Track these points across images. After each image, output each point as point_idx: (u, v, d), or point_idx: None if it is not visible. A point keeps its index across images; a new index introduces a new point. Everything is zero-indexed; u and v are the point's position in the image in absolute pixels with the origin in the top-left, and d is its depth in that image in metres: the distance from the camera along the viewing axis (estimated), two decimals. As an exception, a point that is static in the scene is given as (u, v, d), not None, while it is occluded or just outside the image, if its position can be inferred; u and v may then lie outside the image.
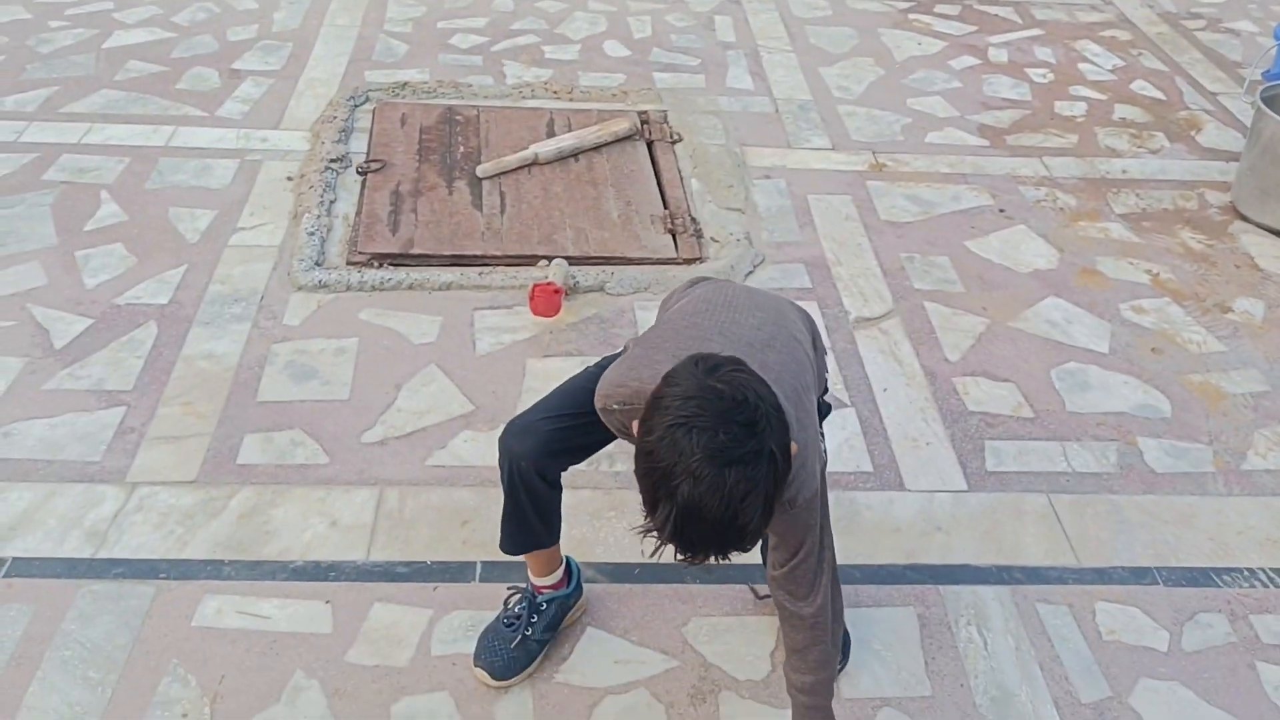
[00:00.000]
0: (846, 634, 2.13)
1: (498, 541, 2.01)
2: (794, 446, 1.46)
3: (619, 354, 1.85)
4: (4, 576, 2.20)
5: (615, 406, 1.69)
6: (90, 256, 3.11)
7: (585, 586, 2.21)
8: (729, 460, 1.35)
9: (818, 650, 1.80)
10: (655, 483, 1.38)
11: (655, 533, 1.41)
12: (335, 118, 3.80)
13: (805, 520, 1.70)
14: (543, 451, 1.85)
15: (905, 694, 2.09)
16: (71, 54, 4.17)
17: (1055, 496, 2.54)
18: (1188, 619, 2.28)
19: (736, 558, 2.09)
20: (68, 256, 3.10)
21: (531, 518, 1.95)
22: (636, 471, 1.42)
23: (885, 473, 2.58)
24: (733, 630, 2.19)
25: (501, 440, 1.87)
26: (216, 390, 2.68)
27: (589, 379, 1.83)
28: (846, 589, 2.24)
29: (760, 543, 1.88)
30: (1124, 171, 3.85)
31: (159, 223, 3.27)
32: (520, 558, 2.05)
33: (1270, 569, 2.40)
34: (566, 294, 3.03)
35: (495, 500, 2.41)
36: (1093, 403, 2.82)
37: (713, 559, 1.43)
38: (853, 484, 2.53)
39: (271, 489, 2.43)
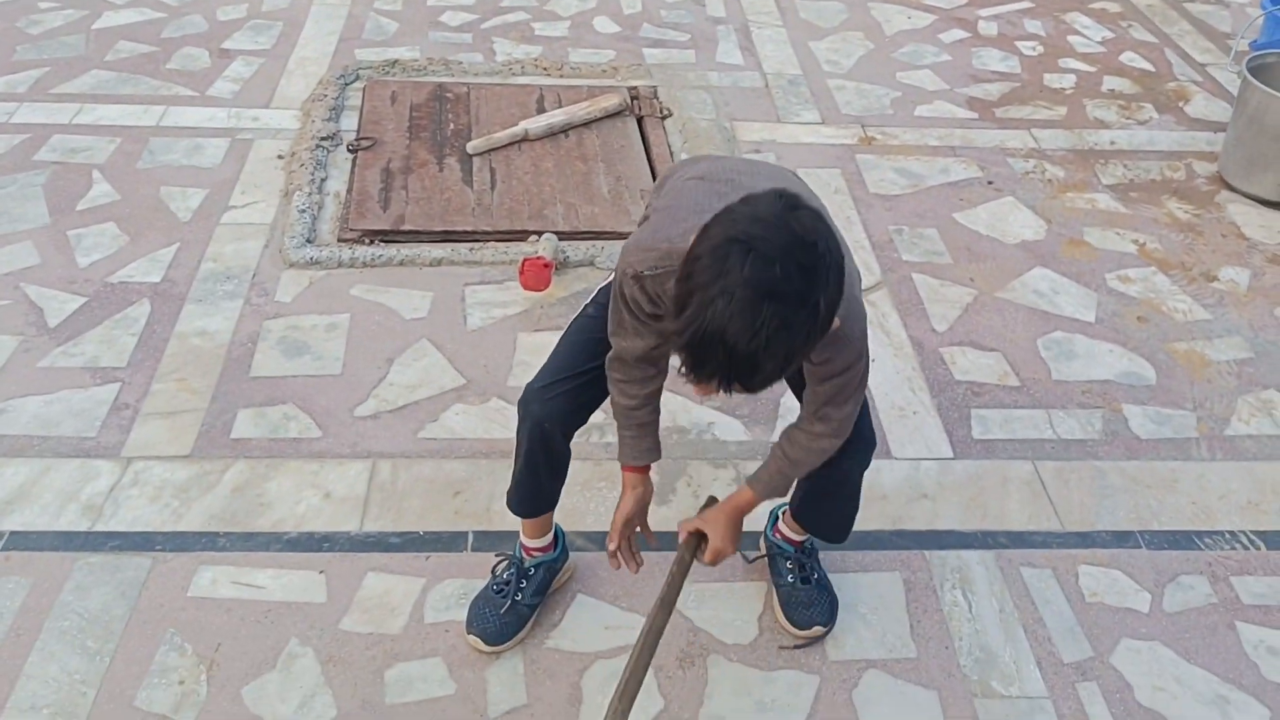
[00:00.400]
0: (833, 597, 2.17)
1: (505, 503, 2.07)
2: (837, 323, 1.42)
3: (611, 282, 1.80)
4: (2, 550, 2.23)
5: (646, 272, 1.60)
6: (83, 236, 3.13)
7: (576, 555, 2.25)
8: (772, 294, 1.28)
9: (825, 455, 1.81)
10: (690, 289, 1.32)
11: (673, 336, 1.36)
12: (326, 96, 3.81)
13: (856, 347, 1.65)
14: (567, 411, 1.90)
15: (891, 656, 2.13)
16: (61, 35, 4.17)
17: (1040, 463, 2.58)
18: (1169, 581, 2.31)
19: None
20: (60, 236, 3.12)
21: (546, 480, 2.01)
22: (678, 276, 1.36)
23: (872, 441, 2.60)
24: (720, 596, 2.22)
25: (525, 405, 1.92)
26: (210, 366, 2.70)
27: (596, 326, 1.85)
28: (832, 556, 2.29)
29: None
30: (1112, 143, 3.87)
31: (151, 202, 3.29)
32: (517, 523, 2.09)
33: (1251, 532, 2.43)
34: (556, 268, 3.05)
35: (487, 471, 2.46)
36: (1078, 371, 2.85)
37: (716, 387, 1.38)
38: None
39: (265, 462, 2.46)
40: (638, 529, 1.97)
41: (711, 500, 1.97)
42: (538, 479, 2.00)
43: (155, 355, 2.73)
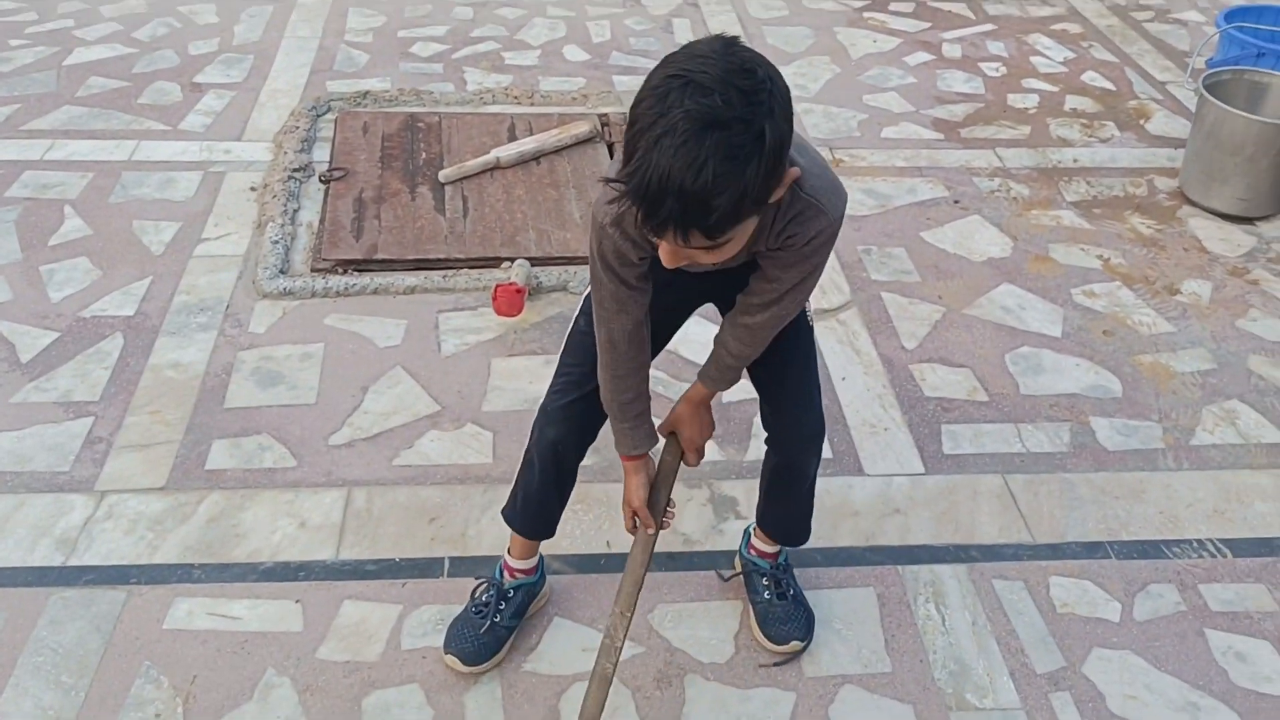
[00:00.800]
0: (809, 612, 2.19)
1: (505, 518, 2.12)
2: (795, 171, 1.42)
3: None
4: (-26, 587, 2.22)
5: (622, 208, 1.49)
6: (55, 271, 3.13)
7: (553, 578, 2.26)
8: (713, 123, 1.27)
9: (769, 334, 1.82)
10: (635, 134, 1.32)
11: (624, 189, 1.35)
12: (297, 128, 3.84)
13: (828, 215, 1.60)
14: (583, 429, 1.96)
15: (866, 671, 2.15)
16: (32, 71, 4.19)
17: (1010, 476, 2.61)
18: (1139, 590, 2.34)
19: (699, 533, 2.18)
20: (32, 271, 3.12)
21: (553, 501, 2.07)
22: (625, 128, 1.36)
23: (844, 458, 2.63)
24: (696, 615, 2.24)
25: (539, 427, 1.97)
26: (184, 398, 2.71)
27: (590, 339, 1.86)
28: (807, 573, 2.31)
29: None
30: (1075, 160, 3.94)
31: (123, 236, 3.29)
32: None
33: (1218, 539, 2.47)
34: (529, 294, 3.07)
35: (462, 496, 2.47)
36: (1046, 385, 2.89)
37: (673, 235, 1.35)
38: (813, 470, 2.59)
39: (240, 493, 2.46)
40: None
41: (671, 436, 1.99)
42: (547, 499, 2.05)
43: (129, 388, 2.73)
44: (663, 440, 1.97)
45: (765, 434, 2.07)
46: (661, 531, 1.95)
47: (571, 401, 1.94)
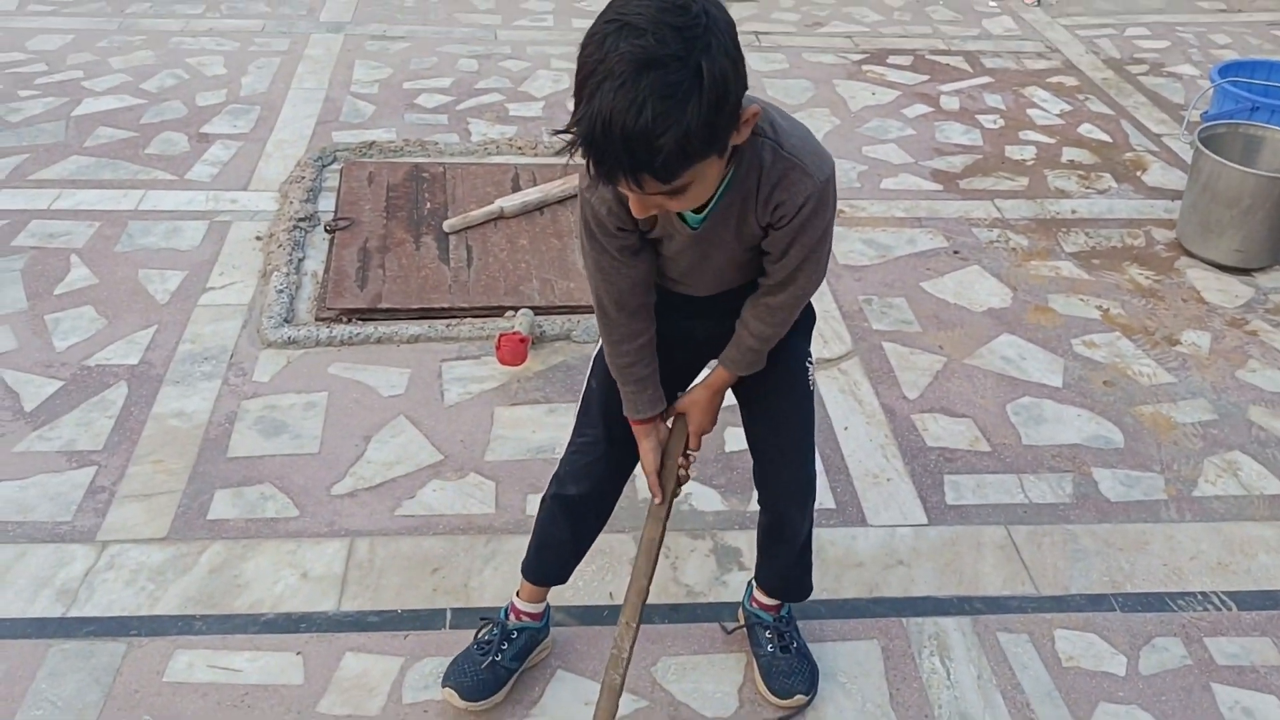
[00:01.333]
0: (814, 665, 2.18)
1: (521, 568, 2.12)
2: (753, 108, 1.43)
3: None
4: (-25, 638, 2.21)
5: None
6: (60, 319, 3.15)
7: (556, 630, 2.25)
8: (648, 63, 1.28)
9: (790, 314, 1.80)
10: (579, 83, 1.34)
11: (572, 139, 1.36)
12: (303, 178, 3.87)
13: (813, 177, 1.60)
14: (605, 492, 2.02)
15: (870, 725, 2.13)
16: (41, 122, 4.23)
17: (1013, 528, 2.61)
18: (1144, 643, 2.33)
19: (702, 584, 2.17)
20: (38, 320, 3.14)
21: (568, 550, 2.10)
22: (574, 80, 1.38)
23: (848, 509, 2.63)
24: (700, 668, 2.23)
25: (562, 482, 2.01)
26: (187, 447, 2.71)
27: (602, 395, 1.91)
28: (810, 625, 2.30)
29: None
30: (1073, 211, 3.97)
31: (129, 284, 3.31)
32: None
33: (1223, 592, 2.46)
34: (533, 343, 3.09)
35: (465, 547, 2.47)
36: (1048, 435, 2.89)
37: (624, 181, 1.37)
38: (816, 521, 2.57)
39: (242, 543, 2.46)
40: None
41: (679, 418, 1.95)
42: (561, 548, 2.08)
43: (132, 437, 2.73)
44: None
45: (756, 491, 2.08)
46: (662, 582, 1.95)
47: (591, 462, 1.96)
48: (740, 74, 1.39)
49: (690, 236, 1.68)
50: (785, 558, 2.13)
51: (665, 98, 1.29)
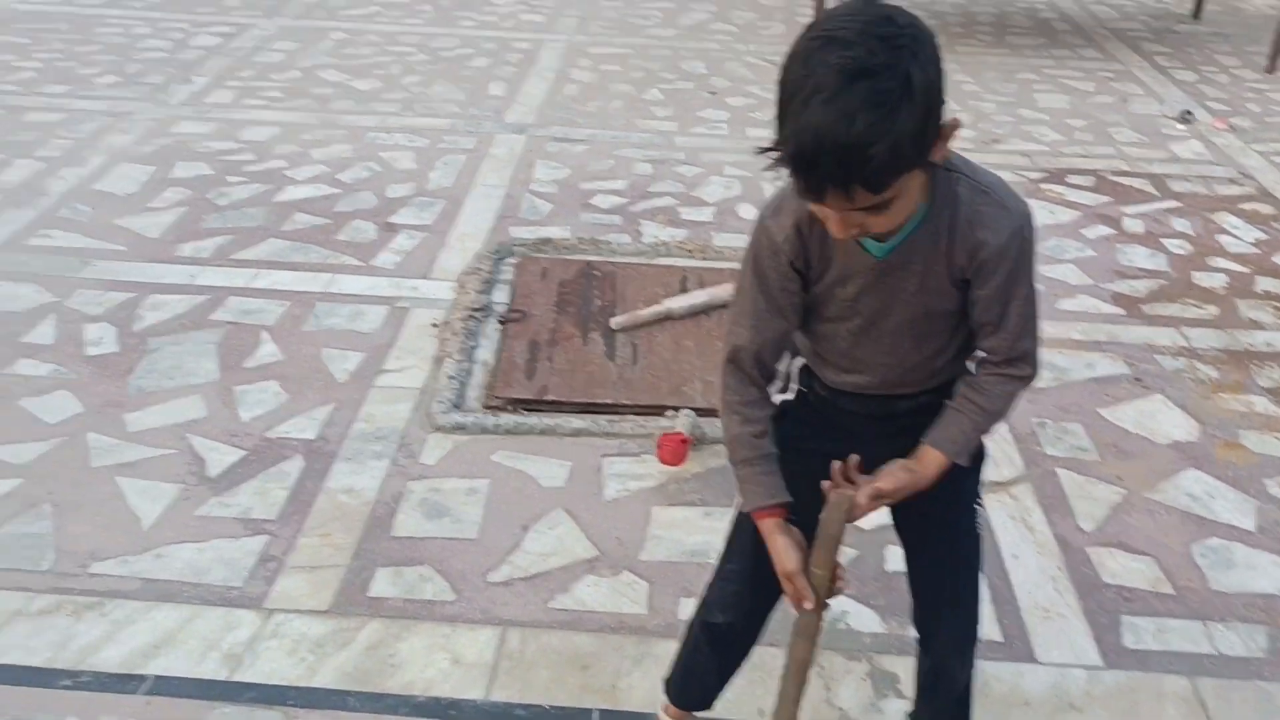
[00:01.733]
0: None
1: (664, 688, 2.10)
2: (953, 119, 1.39)
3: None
4: (146, 694, 2.29)
5: (790, 219, 1.55)
6: (247, 392, 3.32)
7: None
8: (858, 73, 1.28)
9: (1019, 393, 1.67)
10: (783, 102, 1.33)
11: (778, 155, 1.35)
12: (480, 270, 4.02)
13: (1012, 213, 1.53)
14: (752, 622, 1.96)
15: None
16: (245, 206, 4.54)
17: (1198, 680, 2.41)
18: (1350, 824, 2.11)
19: (857, 710, 2.07)
20: (227, 391, 3.32)
21: (713, 678, 2.06)
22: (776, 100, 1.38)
23: (1015, 643, 2.50)
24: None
25: (710, 607, 1.97)
26: (354, 523, 2.79)
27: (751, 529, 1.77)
28: (973, 763, 2.17)
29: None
30: (1268, 345, 3.76)
31: (312, 362, 3.48)
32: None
33: None
34: (693, 444, 3.08)
35: (614, 646, 2.44)
36: (1238, 582, 2.69)
37: (834, 193, 1.34)
38: (980, 653, 2.45)
39: (400, 622, 2.49)
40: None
41: (838, 492, 1.65)
42: (707, 675, 2.04)
43: (304, 510, 2.83)
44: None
45: (916, 634, 1.98)
46: (815, 703, 1.87)
47: (738, 591, 1.91)
48: (944, 86, 1.38)
49: (874, 269, 1.56)
50: (944, 708, 2.03)
51: (877, 106, 1.28)
